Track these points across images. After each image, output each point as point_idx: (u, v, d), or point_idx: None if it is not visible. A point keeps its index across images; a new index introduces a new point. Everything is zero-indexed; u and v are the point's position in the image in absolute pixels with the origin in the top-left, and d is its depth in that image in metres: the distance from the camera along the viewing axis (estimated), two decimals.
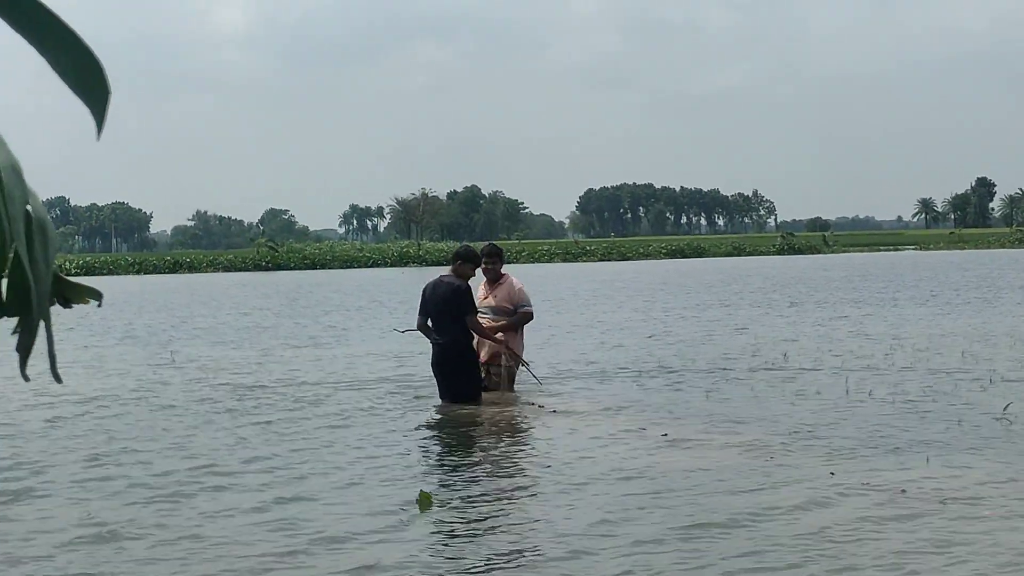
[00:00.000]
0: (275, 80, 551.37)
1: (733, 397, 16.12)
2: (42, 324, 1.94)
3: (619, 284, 54.72)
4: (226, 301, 46.90)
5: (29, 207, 1.90)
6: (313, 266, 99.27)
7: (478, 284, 16.01)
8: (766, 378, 17.95)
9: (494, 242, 17.30)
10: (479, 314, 15.54)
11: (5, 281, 1.94)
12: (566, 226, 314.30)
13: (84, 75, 1.89)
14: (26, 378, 1.97)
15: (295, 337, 28.03)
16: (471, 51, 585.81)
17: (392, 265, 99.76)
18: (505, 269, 16.25)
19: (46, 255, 1.92)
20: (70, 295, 2.16)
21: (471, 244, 16.66)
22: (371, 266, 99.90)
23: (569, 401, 15.78)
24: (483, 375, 15.70)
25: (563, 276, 66.21)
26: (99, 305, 2.11)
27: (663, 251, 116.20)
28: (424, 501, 9.91)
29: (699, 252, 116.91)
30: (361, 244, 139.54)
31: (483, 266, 15.81)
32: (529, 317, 15.97)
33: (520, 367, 16.01)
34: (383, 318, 33.93)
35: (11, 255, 1.87)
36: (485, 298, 15.85)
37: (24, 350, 1.93)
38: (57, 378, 1.99)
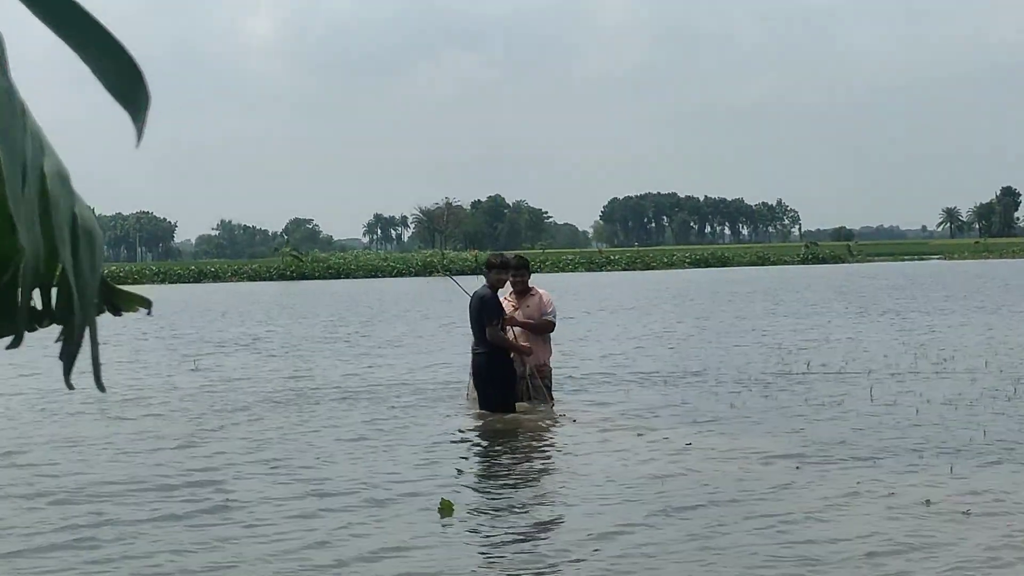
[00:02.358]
0: (301, 90, 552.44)
1: (760, 405, 16.08)
2: (88, 332, 1.93)
3: (671, 293, 54.70)
4: (279, 312, 47.03)
5: (76, 214, 1.90)
6: (337, 275, 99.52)
7: (503, 295, 15.91)
8: (789, 385, 17.92)
9: (520, 254, 17.26)
10: (509, 327, 15.53)
11: (55, 288, 1.95)
12: (590, 235, 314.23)
13: (125, 82, 1.90)
14: (70, 386, 1.95)
15: (339, 344, 28.10)
16: (499, 61, 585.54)
17: (416, 275, 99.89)
18: (532, 280, 16.15)
19: (92, 262, 1.92)
20: (120, 303, 2.09)
21: (501, 253, 16.56)
22: (395, 275, 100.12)
23: (599, 411, 15.78)
24: (526, 386, 15.63)
25: (607, 286, 66.19)
26: (148, 313, 2.10)
27: (687, 260, 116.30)
28: (446, 508, 9.92)
29: (723, 262, 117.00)
30: (385, 253, 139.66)
31: (511, 279, 15.75)
32: (550, 327, 15.84)
33: (537, 377, 15.82)
34: (422, 326, 34.05)
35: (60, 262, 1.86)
36: (515, 310, 15.70)
37: (68, 358, 1.93)
38: (100, 387, 1.98)
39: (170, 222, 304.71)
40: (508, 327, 15.48)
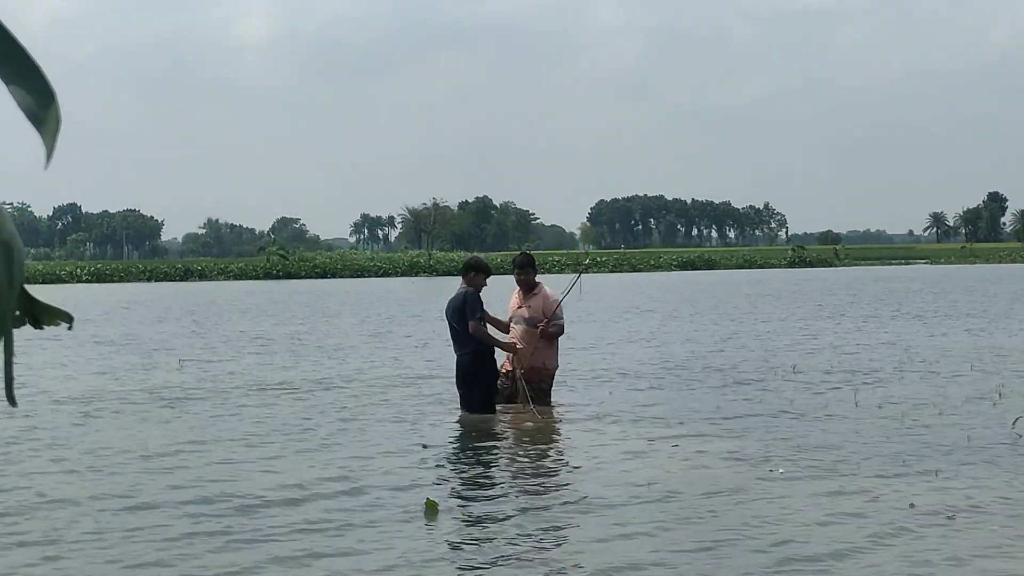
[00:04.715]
0: (291, 89, 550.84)
1: (743, 407, 16.08)
2: (3, 344, 1.86)
3: (683, 296, 54.72)
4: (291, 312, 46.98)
5: None
6: (324, 275, 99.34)
7: (511, 293, 16.01)
8: (780, 388, 17.93)
9: (525, 251, 17.37)
10: (513, 323, 15.60)
11: None
12: (577, 237, 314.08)
13: (37, 103, 1.85)
14: None
15: (323, 345, 28.05)
16: (491, 62, 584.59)
17: (403, 275, 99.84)
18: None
19: (10, 275, 1.86)
20: (41, 316, 2.12)
21: (481, 255, 16.54)
22: (381, 275, 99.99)
23: (586, 412, 15.78)
24: (513, 385, 15.57)
25: (613, 287, 66.08)
26: (69, 328, 2.10)
27: (674, 263, 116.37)
28: (430, 509, 9.90)
29: (710, 264, 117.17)
30: (372, 253, 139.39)
31: (516, 276, 15.85)
32: (560, 331, 15.82)
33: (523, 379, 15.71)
34: (411, 326, 34.01)
35: None
36: (519, 307, 15.68)
37: None
38: (12, 401, 1.93)
39: (157, 220, 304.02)
40: (511, 325, 15.56)
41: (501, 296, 16.14)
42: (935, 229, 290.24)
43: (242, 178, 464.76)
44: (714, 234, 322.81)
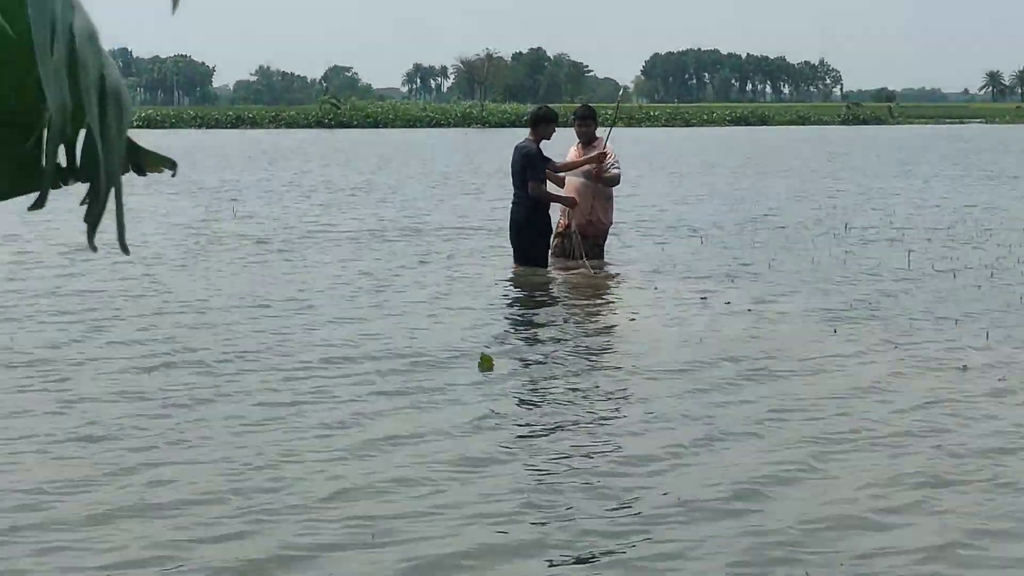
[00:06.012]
0: None
1: (796, 265, 16.09)
2: (113, 192, 1.92)
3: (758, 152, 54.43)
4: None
5: (104, 75, 1.87)
6: (375, 125, 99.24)
7: (571, 146, 15.95)
8: (833, 247, 17.89)
9: (587, 103, 17.24)
10: (571, 176, 15.49)
11: (80, 146, 1.93)
12: (630, 91, 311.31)
13: None
14: (94, 248, 1.94)
15: (384, 198, 28.19)
16: None
17: (455, 126, 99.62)
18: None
19: (119, 124, 1.91)
20: (144, 163, 2.12)
21: (547, 105, 16.42)
22: (433, 126, 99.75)
23: (639, 268, 15.83)
24: (567, 242, 15.57)
25: (670, 142, 65.85)
26: (173, 174, 2.10)
27: (727, 118, 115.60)
28: (485, 363, 9.98)
29: (763, 120, 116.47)
30: (424, 104, 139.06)
31: (576, 128, 15.77)
32: (616, 180, 15.71)
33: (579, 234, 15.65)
34: (468, 177, 34.06)
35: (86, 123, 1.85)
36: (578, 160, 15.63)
37: (93, 219, 1.92)
38: (124, 249, 1.97)
39: (208, 66, 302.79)
40: (567, 178, 15.49)
41: (560, 149, 16.07)
42: (991, 88, 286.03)
43: (294, 24, 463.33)
44: (768, 89, 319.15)
